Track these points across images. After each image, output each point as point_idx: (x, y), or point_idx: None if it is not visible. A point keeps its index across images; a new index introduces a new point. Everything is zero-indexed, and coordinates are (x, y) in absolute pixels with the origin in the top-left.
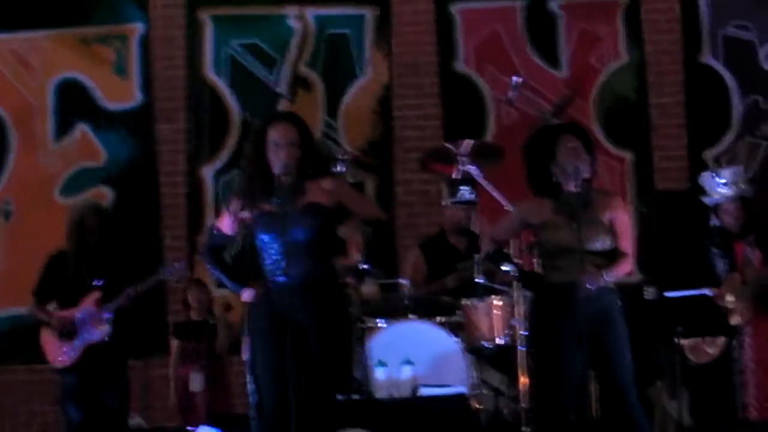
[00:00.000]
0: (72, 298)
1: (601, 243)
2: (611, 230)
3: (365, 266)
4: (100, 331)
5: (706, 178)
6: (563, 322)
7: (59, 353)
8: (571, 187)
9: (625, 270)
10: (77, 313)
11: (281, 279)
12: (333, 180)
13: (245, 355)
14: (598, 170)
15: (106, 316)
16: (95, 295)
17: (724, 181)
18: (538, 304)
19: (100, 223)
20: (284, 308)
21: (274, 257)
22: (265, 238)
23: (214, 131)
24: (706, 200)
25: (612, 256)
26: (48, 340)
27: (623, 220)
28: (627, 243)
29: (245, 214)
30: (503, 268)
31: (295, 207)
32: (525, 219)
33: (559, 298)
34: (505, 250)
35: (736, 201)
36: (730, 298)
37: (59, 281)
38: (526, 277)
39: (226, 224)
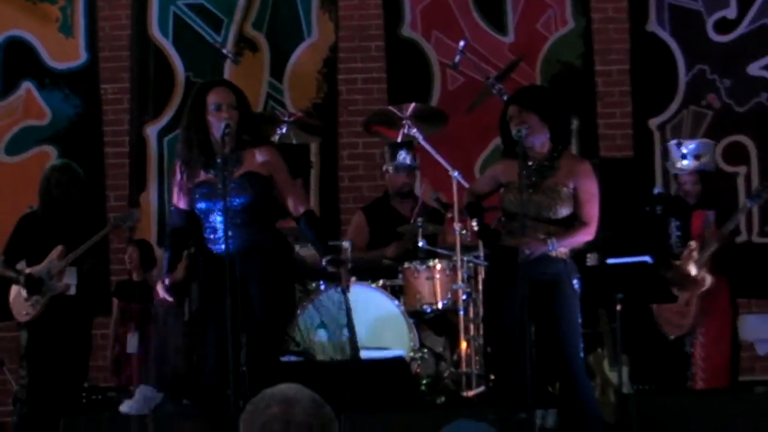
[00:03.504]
0: (40, 256)
1: (554, 211)
2: (572, 198)
3: None
4: (63, 283)
5: (670, 148)
6: (505, 285)
7: (24, 307)
8: (530, 152)
9: (583, 239)
10: (42, 267)
11: (223, 247)
12: (269, 150)
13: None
14: (561, 131)
15: (69, 268)
16: (59, 248)
17: (687, 152)
18: (489, 265)
19: (69, 183)
20: (228, 275)
21: (215, 225)
22: (204, 206)
23: (158, 91)
24: (669, 168)
25: (568, 224)
26: (15, 296)
27: (588, 188)
28: (590, 211)
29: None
30: (472, 222)
31: (233, 176)
32: (497, 177)
33: (505, 260)
34: (482, 205)
35: (696, 174)
36: (692, 268)
37: (29, 241)
38: (486, 235)
39: (177, 198)
